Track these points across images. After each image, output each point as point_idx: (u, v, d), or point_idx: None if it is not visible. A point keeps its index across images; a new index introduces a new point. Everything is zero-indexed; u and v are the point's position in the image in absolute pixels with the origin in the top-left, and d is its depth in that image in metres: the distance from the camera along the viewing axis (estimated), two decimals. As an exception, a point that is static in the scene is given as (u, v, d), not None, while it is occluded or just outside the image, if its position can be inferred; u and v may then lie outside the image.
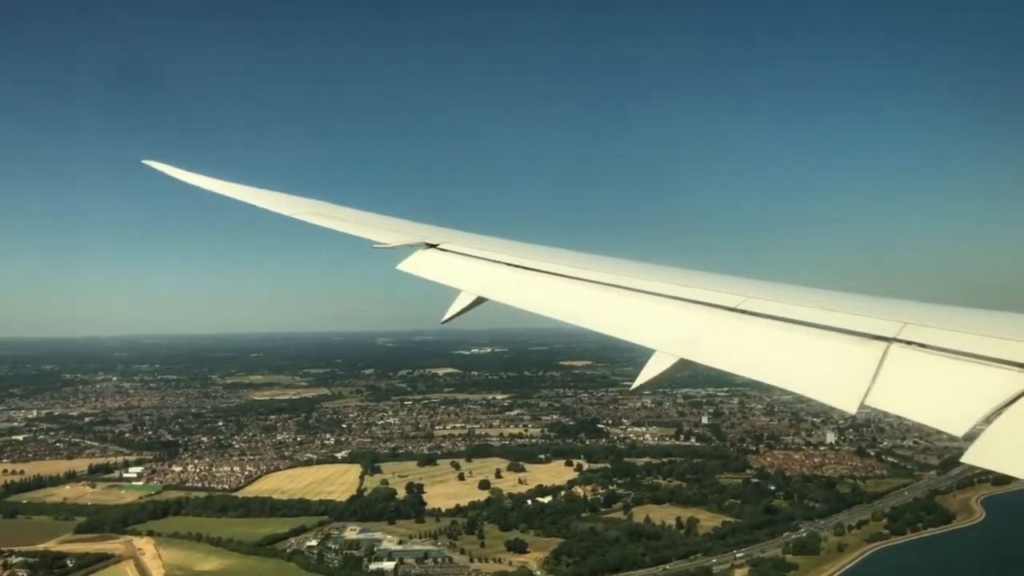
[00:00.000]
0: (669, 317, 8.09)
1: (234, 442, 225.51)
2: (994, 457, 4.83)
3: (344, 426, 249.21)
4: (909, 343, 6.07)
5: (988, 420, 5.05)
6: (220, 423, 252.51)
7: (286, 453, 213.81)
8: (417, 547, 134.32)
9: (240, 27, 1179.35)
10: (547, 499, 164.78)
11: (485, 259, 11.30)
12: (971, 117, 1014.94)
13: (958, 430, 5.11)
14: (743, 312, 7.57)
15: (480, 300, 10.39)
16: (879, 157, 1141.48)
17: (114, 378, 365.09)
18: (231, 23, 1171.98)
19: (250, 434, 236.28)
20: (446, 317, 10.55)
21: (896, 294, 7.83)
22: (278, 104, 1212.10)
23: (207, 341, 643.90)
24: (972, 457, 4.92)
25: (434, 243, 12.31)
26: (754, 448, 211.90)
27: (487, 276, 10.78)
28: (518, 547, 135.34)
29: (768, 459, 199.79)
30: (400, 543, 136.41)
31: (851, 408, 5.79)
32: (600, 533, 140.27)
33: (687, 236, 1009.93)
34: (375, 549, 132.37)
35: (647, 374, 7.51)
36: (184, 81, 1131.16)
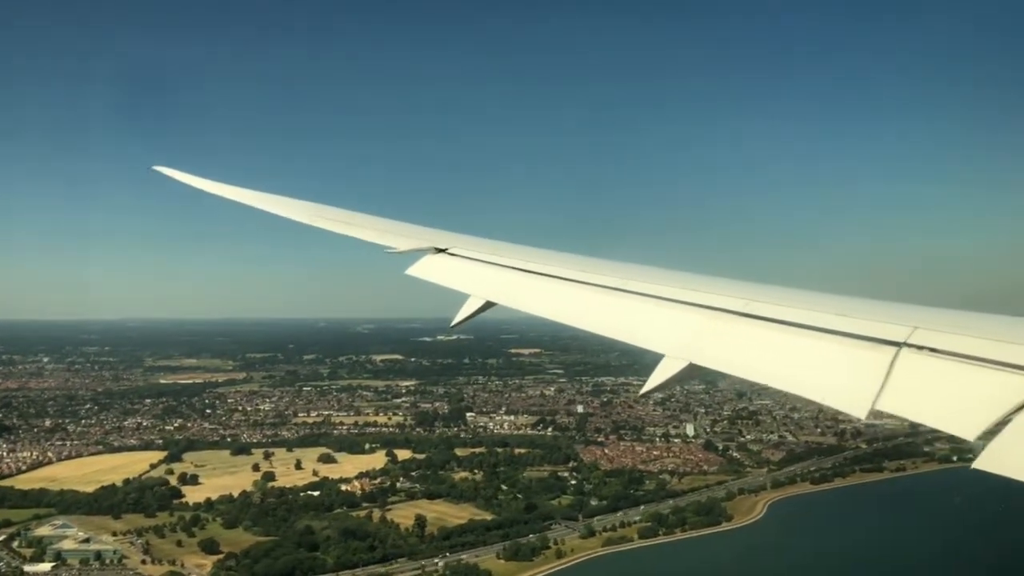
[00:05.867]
0: (677, 322, 7.77)
1: (73, 426, 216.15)
2: (1005, 463, 4.69)
3: (208, 412, 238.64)
4: (920, 348, 5.80)
5: (999, 425, 4.90)
6: (88, 406, 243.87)
7: (110, 439, 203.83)
8: (96, 546, 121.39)
9: (248, 31, 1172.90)
10: (316, 493, 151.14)
11: (493, 264, 11.15)
12: (985, 118, 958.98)
13: (969, 434, 4.95)
14: (752, 317, 7.30)
15: (489, 305, 10.23)
16: (889, 158, 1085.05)
17: (45, 359, 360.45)
18: (240, 27, 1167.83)
19: (100, 418, 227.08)
20: (455, 322, 10.48)
21: (906, 298, 7.46)
22: (287, 107, 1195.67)
23: (193, 325, 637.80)
24: (984, 463, 4.73)
25: (443, 248, 12.15)
26: (602, 439, 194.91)
27: (495, 281, 10.66)
28: (211, 547, 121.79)
29: (607, 451, 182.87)
30: (85, 541, 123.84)
31: (861, 413, 5.60)
32: (315, 532, 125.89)
33: (695, 239, 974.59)
34: (47, 548, 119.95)
35: (656, 379, 7.23)
36: (194, 83, 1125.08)
